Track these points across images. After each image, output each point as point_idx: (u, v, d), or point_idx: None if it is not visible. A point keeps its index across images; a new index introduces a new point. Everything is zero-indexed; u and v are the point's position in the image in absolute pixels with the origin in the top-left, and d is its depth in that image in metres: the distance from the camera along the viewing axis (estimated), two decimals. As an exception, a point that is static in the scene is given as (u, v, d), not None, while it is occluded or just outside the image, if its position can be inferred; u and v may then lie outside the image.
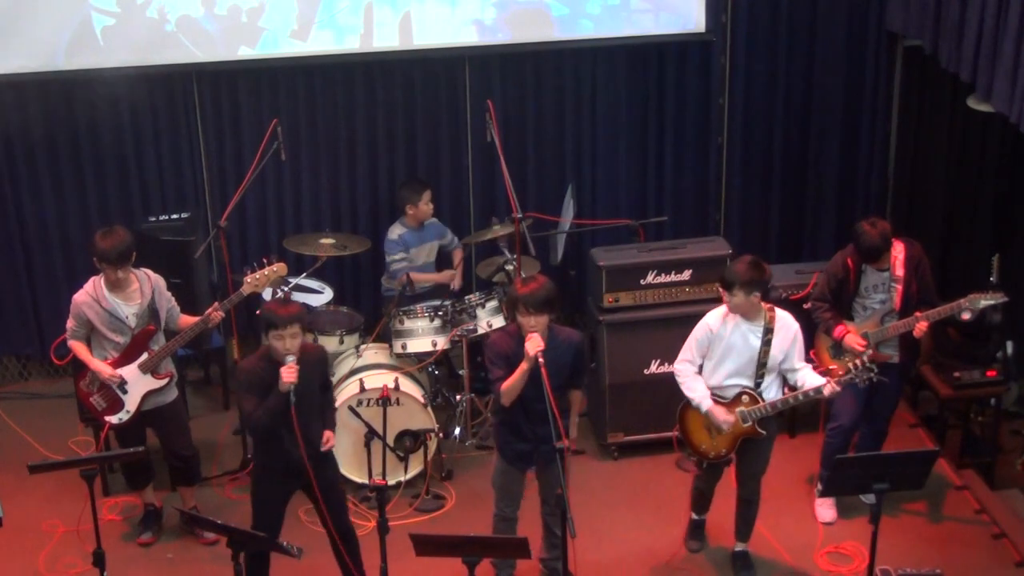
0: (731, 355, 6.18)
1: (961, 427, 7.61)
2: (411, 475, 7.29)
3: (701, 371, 6.28)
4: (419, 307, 7.44)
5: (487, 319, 7.47)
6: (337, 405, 6.60)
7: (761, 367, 6.17)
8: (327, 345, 7.53)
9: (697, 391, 6.24)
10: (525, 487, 6.30)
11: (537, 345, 5.78)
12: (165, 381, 6.68)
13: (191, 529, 6.94)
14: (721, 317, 6.21)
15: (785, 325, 6.19)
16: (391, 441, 7.13)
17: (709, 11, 8.21)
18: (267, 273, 6.66)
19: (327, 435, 6.07)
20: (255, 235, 8.52)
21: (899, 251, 6.62)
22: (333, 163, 8.46)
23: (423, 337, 7.41)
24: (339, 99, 8.34)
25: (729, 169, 8.77)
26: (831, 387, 6.07)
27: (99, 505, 6.25)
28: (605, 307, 7.43)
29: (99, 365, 6.58)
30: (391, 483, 6.97)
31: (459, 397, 7.84)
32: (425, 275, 7.92)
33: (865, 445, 6.90)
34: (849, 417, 6.80)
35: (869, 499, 6.45)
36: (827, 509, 7.00)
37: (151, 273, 6.66)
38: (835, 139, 8.69)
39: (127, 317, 6.54)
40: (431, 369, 7.86)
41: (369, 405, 7.10)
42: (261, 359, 5.94)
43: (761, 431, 6.23)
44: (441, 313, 7.41)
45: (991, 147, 8.15)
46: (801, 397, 6.20)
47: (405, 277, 7.66)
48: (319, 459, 6.02)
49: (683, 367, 6.29)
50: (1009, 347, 7.35)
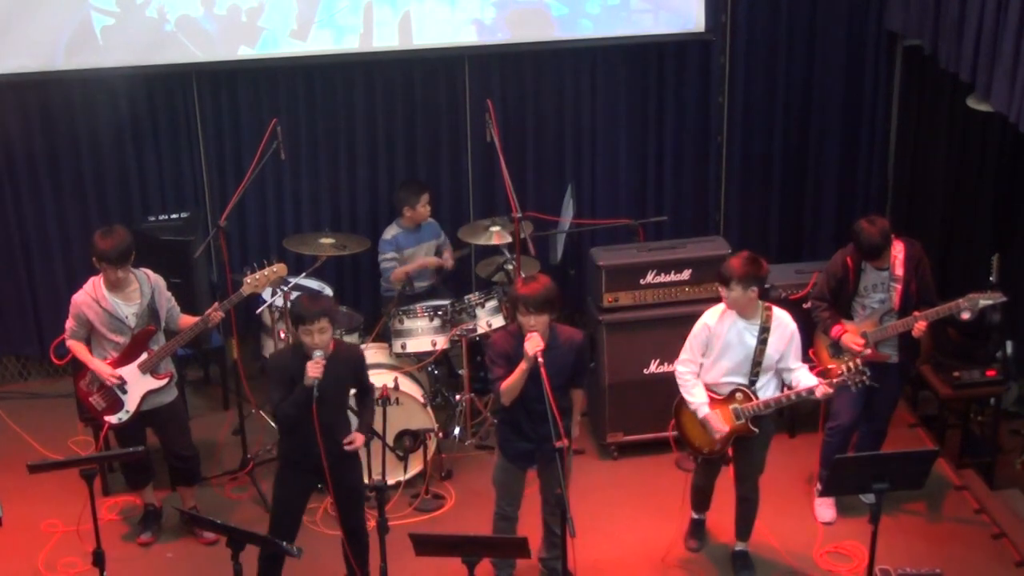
0: (728, 353, 6.19)
1: (961, 427, 7.61)
2: (411, 475, 7.29)
3: (700, 369, 6.30)
4: (419, 307, 7.44)
5: (487, 319, 7.47)
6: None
7: (756, 365, 6.17)
8: (327, 345, 7.56)
9: (696, 397, 6.25)
10: (526, 486, 6.30)
11: (536, 345, 5.78)
12: (165, 381, 6.68)
13: (191, 529, 6.94)
14: (719, 315, 6.22)
15: (782, 324, 6.19)
16: (391, 441, 7.13)
17: (709, 11, 8.20)
18: (267, 273, 6.66)
19: (354, 436, 6.05)
20: (255, 235, 8.52)
21: (899, 250, 6.62)
22: (333, 163, 8.46)
23: (422, 337, 7.42)
24: (339, 99, 8.34)
25: (729, 169, 8.77)
26: (823, 389, 6.08)
27: (99, 505, 6.25)
28: (605, 307, 7.43)
29: (98, 365, 6.57)
30: (391, 483, 6.97)
31: (459, 397, 7.84)
32: (413, 264, 7.86)
33: (865, 445, 6.90)
34: (848, 417, 6.80)
35: (869, 499, 6.45)
36: (827, 509, 7.00)
37: (151, 273, 6.66)
38: (835, 139, 8.70)
39: (127, 317, 6.54)
40: (431, 369, 7.87)
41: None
42: (293, 351, 5.97)
43: (754, 428, 6.23)
44: (440, 313, 7.41)
45: (991, 147, 8.14)
46: (794, 397, 6.21)
47: (404, 273, 7.66)
48: (341, 458, 6.00)
49: (684, 369, 6.30)
50: (1009, 347, 7.35)
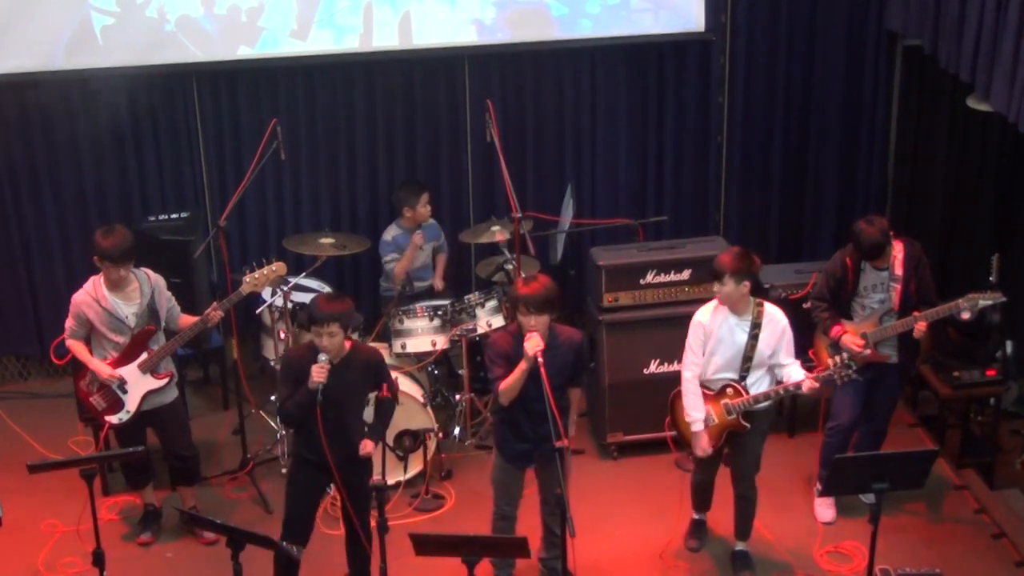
0: (719, 349, 6.21)
1: (961, 427, 7.61)
2: (411, 475, 7.29)
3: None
4: (418, 307, 7.44)
5: (486, 319, 7.47)
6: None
7: (747, 361, 6.19)
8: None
9: (694, 410, 6.25)
10: (525, 486, 6.30)
11: (536, 345, 5.77)
12: (165, 381, 6.68)
13: (191, 529, 6.93)
14: (711, 311, 6.24)
15: (773, 320, 6.20)
16: (391, 441, 7.12)
17: (709, 11, 8.21)
18: (266, 273, 6.66)
19: (364, 443, 5.99)
20: (255, 235, 8.52)
21: (898, 250, 6.62)
22: (333, 163, 8.46)
23: (422, 337, 7.41)
24: (339, 99, 8.33)
25: (729, 169, 8.77)
26: (810, 383, 6.10)
27: (99, 505, 6.24)
28: (604, 307, 7.43)
29: (98, 365, 6.57)
30: (391, 483, 6.97)
31: (459, 397, 7.84)
32: (404, 258, 7.79)
33: (864, 445, 6.90)
34: (848, 417, 6.80)
35: (869, 499, 6.46)
36: (827, 509, 7.00)
37: (151, 273, 6.65)
38: (835, 139, 8.70)
39: (127, 317, 6.54)
40: (431, 369, 7.87)
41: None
42: (306, 350, 5.93)
43: (745, 424, 6.25)
44: (440, 313, 7.41)
45: (991, 147, 8.15)
46: (782, 392, 6.23)
47: (400, 270, 7.67)
48: (351, 461, 5.96)
49: (690, 375, 6.27)
50: (1008, 347, 7.36)
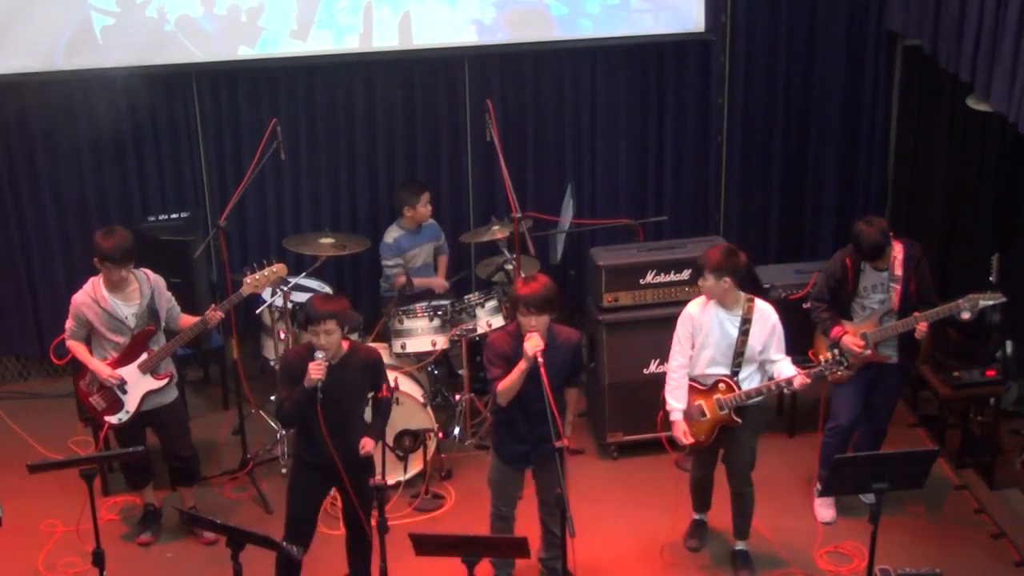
0: (710, 342, 6.25)
1: (961, 427, 7.60)
2: (411, 475, 7.29)
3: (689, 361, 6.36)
4: (418, 307, 7.43)
5: (486, 319, 7.47)
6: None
7: (738, 356, 6.22)
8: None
9: (676, 401, 6.32)
10: (524, 486, 6.29)
11: (536, 345, 5.76)
12: (165, 381, 6.68)
13: (191, 529, 6.94)
14: (701, 305, 6.29)
15: (763, 316, 6.23)
16: (390, 441, 7.12)
17: (709, 11, 8.20)
18: (267, 274, 6.65)
19: (364, 441, 5.97)
20: (255, 235, 8.52)
21: (898, 251, 6.62)
22: (333, 163, 8.46)
23: (422, 337, 7.41)
24: (339, 99, 8.33)
25: (729, 169, 8.77)
26: (801, 379, 6.13)
27: (98, 505, 6.25)
28: (604, 307, 7.43)
29: (98, 365, 6.57)
30: (391, 483, 6.97)
31: (458, 397, 7.84)
32: (420, 280, 7.89)
33: (864, 445, 6.89)
34: (848, 417, 6.80)
35: (869, 499, 6.46)
36: (827, 509, 7.00)
37: (151, 273, 6.65)
38: (835, 139, 8.70)
39: (126, 317, 6.54)
40: (430, 369, 7.87)
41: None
42: (305, 351, 5.92)
43: (736, 419, 6.27)
44: (440, 313, 7.41)
45: (991, 147, 8.14)
46: (774, 388, 6.27)
47: (404, 277, 7.67)
48: (352, 461, 5.94)
49: (675, 364, 6.34)
50: (1008, 347, 7.35)
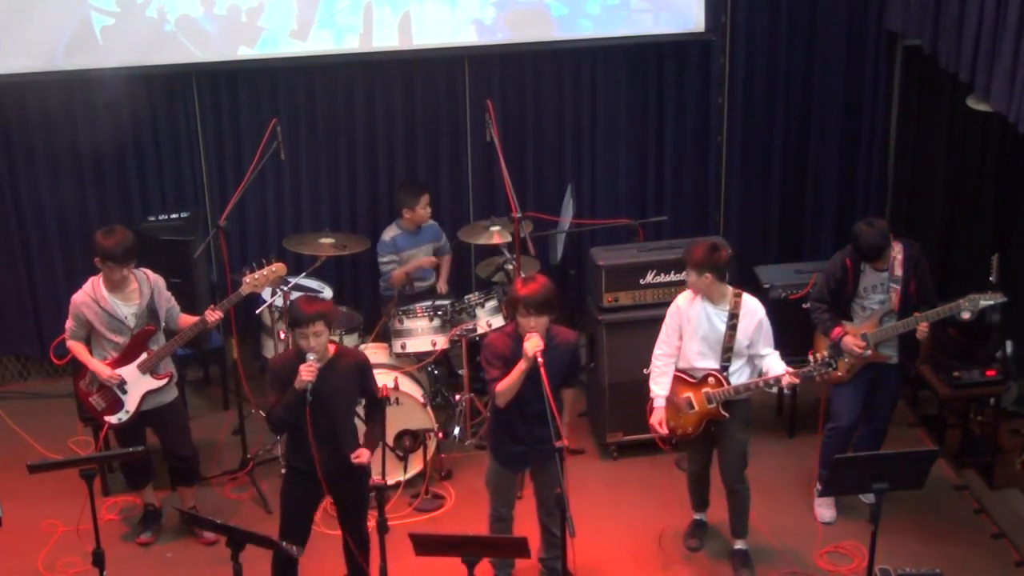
0: (698, 335, 6.28)
1: (961, 427, 7.60)
2: (411, 475, 7.29)
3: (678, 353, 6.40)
4: (418, 307, 7.43)
5: (486, 319, 7.47)
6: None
7: (727, 351, 6.26)
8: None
9: (658, 388, 6.38)
10: (523, 487, 6.29)
11: (536, 345, 5.76)
12: (164, 381, 6.68)
13: (191, 529, 6.94)
14: (689, 298, 6.34)
15: (750, 311, 6.26)
16: (390, 441, 7.12)
17: (709, 11, 8.20)
18: (266, 273, 6.65)
19: (359, 451, 5.90)
20: (255, 235, 8.52)
21: (898, 251, 6.62)
22: (333, 163, 8.46)
23: (422, 337, 7.41)
24: (339, 99, 8.33)
25: (729, 169, 8.77)
26: (789, 378, 6.16)
27: (98, 505, 6.25)
28: (604, 307, 7.42)
29: (98, 365, 6.57)
30: (391, 483, 6.97)
31: (458, 397, 7.84)
32: (410, 264, 7.82)
33: (864, 445, 6.88)
34: (848, 417, 6.80)
35: (869, 499, 6.45)
36: (827, 509, 7.00)
37: (150, 273, 6.65)
38: (834, 139, 8.69)
39: (126, 317, 6.54)
40: (430, 369, 7.87)
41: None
42: (293, 354, 5.90)
43: (724, 413, 6.29)
44: (440, 313, 7.41)
45: (991, 147, 8.15)
46: (762, 384, 6.30)
47: (403, 274, 7.67)
48: (344, 468, 5.89)
49: (660, 352, 6.41)
50: (1008, 347, 7.35)
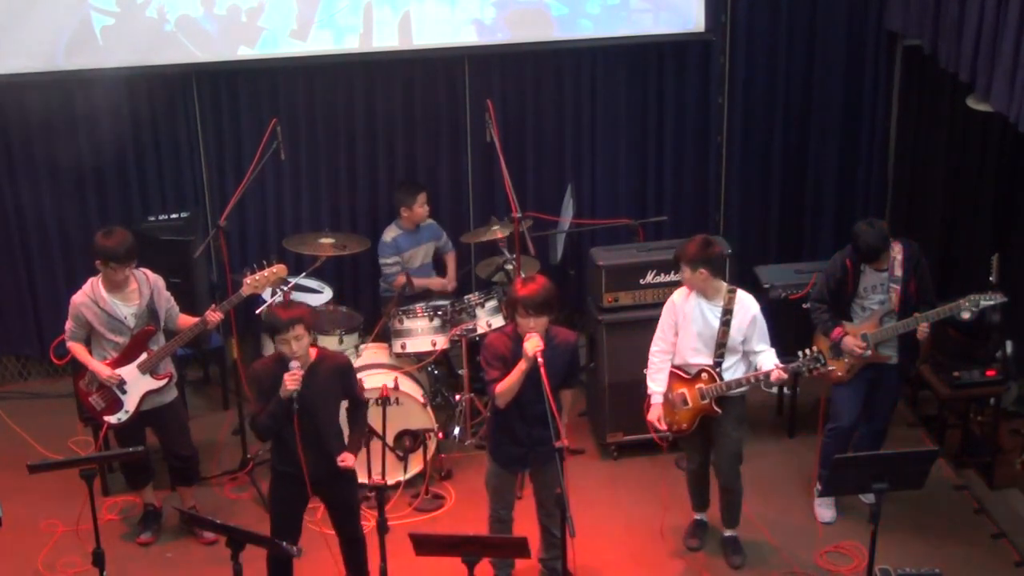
0: (692, 331, 6.31)
1: (961, 427, 7.60)
2: (411, 475, 7.29)
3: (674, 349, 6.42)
4: (418, 307, 7.43)
5: (486, 319, 7.47)
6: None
7: (720, 347, 6.27)
8: (326, 345, 7.55)
9: (656, 385, 6.40)
10: (523, 488, 6.29)
11: (536, 345, 5.75)
12: (164, 381, 6.68)
13: (191, 529, 6.94)
14: (684, 294, 6.37)
15: (744, 307, 6.28)
16: (390, 441, 7.13)
17: (709, 11, 8.20)
18: (267, 275, 6.64)
19: (344, 456, 5.90)
20: (255, 235, 8.52)
21: (897, 251, 6.62)
22: (333, 163, 8.46)
23: (422, 337, 7.41)
24: (339, 99, 8.33)
25: (729, 169, 8.77)
26: (778, 373, 6.20)
27: (98, 505, 6.26)
28: (604, 307, 7.42)
29: (98, 366, 6.57)
30: (391, 483, 6.97)
31: (458, 397, 7.84)
32: (420, 280, 7.91)
33: (864, 445, 6.88)
34: (848, 417, 6.80)
35: (869, 499, 6.45)
36: (826, 509, 7.00)
37: (150, 273, 6.66)
38: (834, 139, 8.69)
39: (125, 318, 6.54)
40: (430, 369, 7.87)
41: (368, 405, 7.09)
42: (273, 361, 5.88)
43: (716, 409, 6.31)
44: (440, 313, 7.41)
45: (991, 147, 8.14)
46: (753, 380, 6.32)
47: (404, 276, 7.68)
48: (332, 472, 5.89)
49: (656, 348, 6.42)
50: (1008, 347, 7.35)
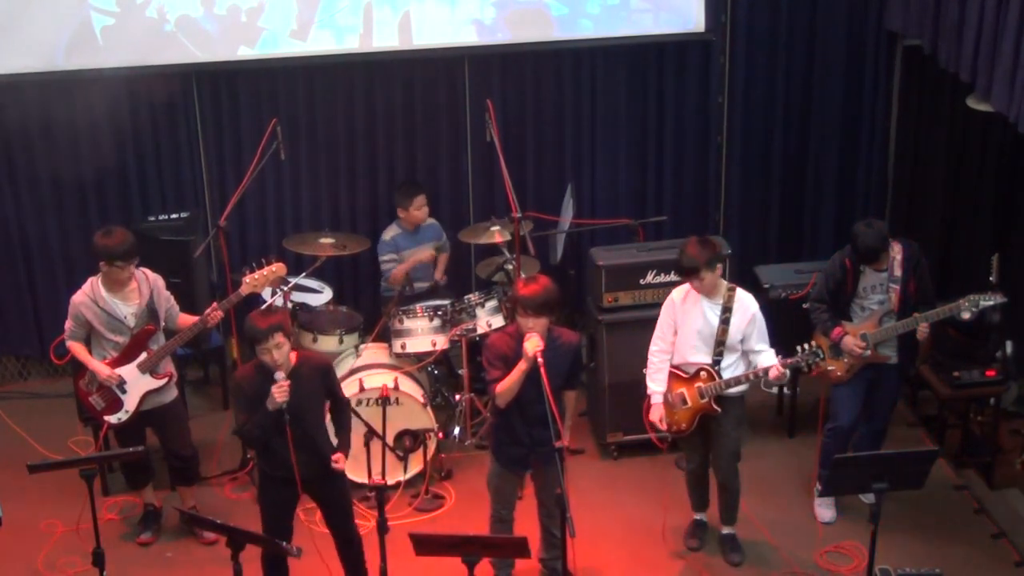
0: (692, 330, 6.30)
1: (960, 427, 7.61)
2: (411, 475, 7.29)
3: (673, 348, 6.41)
4: (418, 307, 7.43)
5: (486, 319, 7.47)
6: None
7: (719, 345, 6.27)
8: (326, 345, 7.56)
9: (655, 384, 6.40)
10: (523, 488, 6.29)
11: (536, 345, 5.76)
12: (164, 381, 6.68)
13: (191, 529, 6.94)
14: (683, 292, 6.37)
15: (744, 306, 6.28)
16: (391, 441, 7.13)
17: (709, 11, 8.20)
18: (266, 273, 6.65)
19: (336, 457, 5.92)
20: (255, 235, 8.52)
21: (897, 252, 6.62)
22: (333, 163, 8.46)
23: (422, 337, 7.41)
24: (339, 99, 8.33)
25: (729, 169, 8.77)
26: (777, 370, 6.19)
27: (98, 505, 6.25)
28: (604, 307, 7.42)
29: (97, 365, 6.57)
30: (391, 483, 6.97)
31: (459, 397, 7.84)
32: (407, 262, 7.82)
33: (864, 445, 6.89)
34: (848, 417, 6.80)
35: (869, 499, 6.45)
36: (826, 509, 7.00)
37: (150, 273, 6.66)
38: (834, 139, 8.68)
39: (125, 317, 6.54)
40: (430, 369, 7.87)
41: (368, 405, 7.10)
42: (255, 369, 5.83)
43: (716, 408, 6.30)
44: (440, 313, 7.41)
45: (991, 147, 8.14)
46: (752, 378, 6.34)
47: (398, 274, 7.67)
48: (324, 473, 5.90)
49: (656, 348, 6.43)
50: (1008, 347, 7.35)
